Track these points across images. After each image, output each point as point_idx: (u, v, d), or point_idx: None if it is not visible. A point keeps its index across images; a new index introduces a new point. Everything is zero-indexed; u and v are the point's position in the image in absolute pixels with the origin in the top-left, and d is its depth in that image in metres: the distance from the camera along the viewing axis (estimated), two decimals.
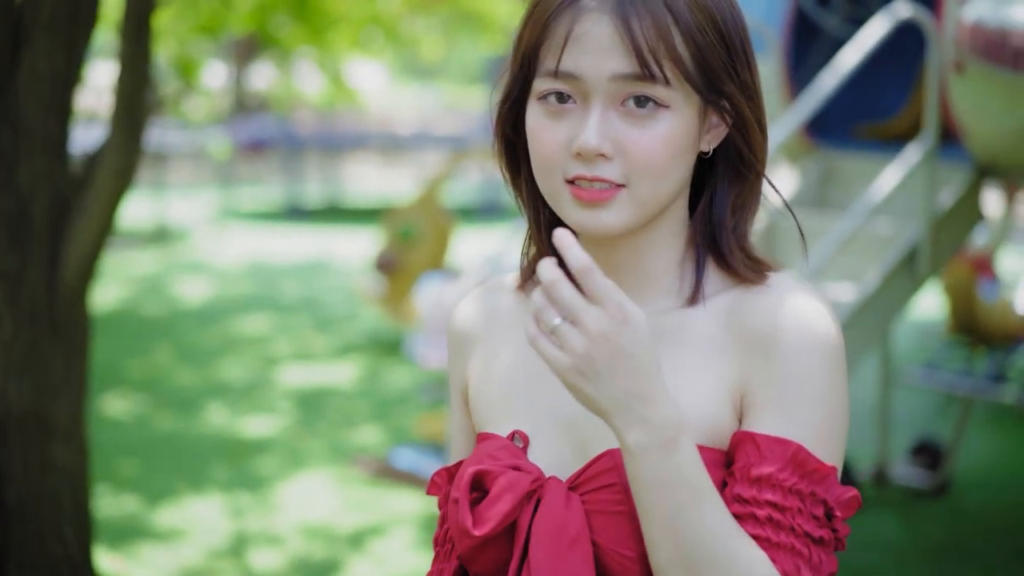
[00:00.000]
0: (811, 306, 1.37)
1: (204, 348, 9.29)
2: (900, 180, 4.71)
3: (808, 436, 1.33)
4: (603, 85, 1.34)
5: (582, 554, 1.35)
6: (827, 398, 1.34)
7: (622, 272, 1.45)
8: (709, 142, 1.42)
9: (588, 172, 1.35)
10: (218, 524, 5.55)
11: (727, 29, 1.38)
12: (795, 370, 1.34)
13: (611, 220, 1.37)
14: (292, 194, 18.64)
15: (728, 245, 1.44)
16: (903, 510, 5.95)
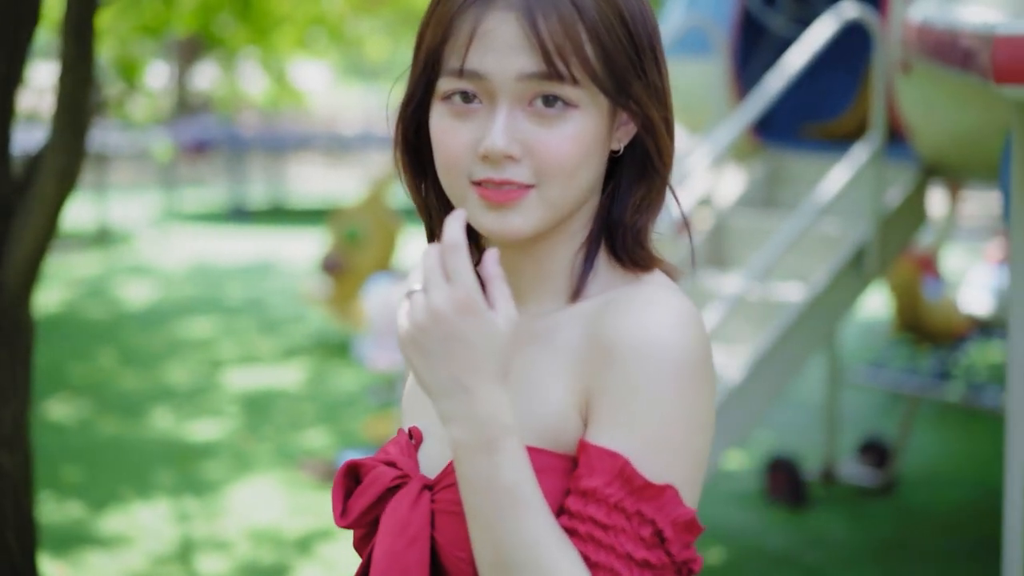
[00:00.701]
0: (661, 314, 1.29)
1: (148, 352, 9.20)
2: (848, 180, 4.73)
3: (638, 450, 1.25)
4: (509, 84, 1.30)
5: (418, 554, 1.33)
6: (665, 411, 1.25)
7: (523, 273, 1.41)
8: (619, 140, 1.39)
9: (496, 175, 1.32)
10: (164, 530, 5.48)
11: (635, 28, 1.34)
12: (630, 380, 1.26)
13: (520, 223, 1.33)
14: (236, 195, 18.51)
15: (625, 245, 1.39)
16: (851, 508, 5.98)
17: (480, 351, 1.21)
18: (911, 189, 4.92)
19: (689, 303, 1.32)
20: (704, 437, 1.29)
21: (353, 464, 1.43)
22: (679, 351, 1.26)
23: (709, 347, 1.30)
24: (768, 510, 5.93)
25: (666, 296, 1.31)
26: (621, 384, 1.26)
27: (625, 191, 1.40)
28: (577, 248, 1.40)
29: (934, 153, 4.76)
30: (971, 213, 14.83)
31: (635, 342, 1.26)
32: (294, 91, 15.76)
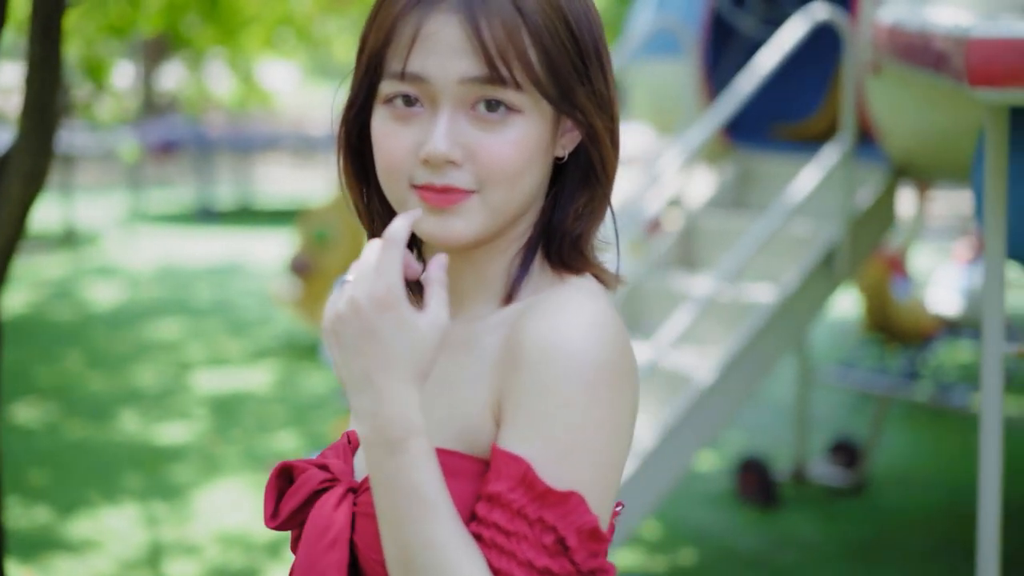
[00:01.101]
0: (572, 316, 1.26)
1: (116, 354, 9.13)
2: (819, 181, 4.73)
3: (541, 456, 1.23)
4: (452, 88, 1.29)
5: (337, 557, 1.32)
6: (570, 416, 1.23)
7: (462, 278, 1.39)
8: (564, 147, 1.38)
9: (437, 180, 1.30)
10: (132, 534, 5.44)
11: (580, 34, 1.33)
12: (535, 383, 1.24)
13: (461, 228, 1.32)
14: (203, 196, 18.42)
15: (562, 251, 1.37)
16: (822, 509, 5.99)
17: (393, 349, 1.20)
18: (881, 190, 4.93)
19: (607, 307, 1.30)
20: (615, 444, 1.26)
21: (286, 466, 1.43)
22: (587, 355, 1.24)
23: (626, 352, 1.28)
24: (739, 511, 5.94)
25: (581, 299, 1.30)
26: (527, 387, 1.24)
27: (567, 198, 1.39)
28: (515, 253, 1.39)
29: (904, 154, 4.78)
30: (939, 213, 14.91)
31: (542, 345, 1.24)
32: (261, 91, 15.68)
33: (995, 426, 2.77)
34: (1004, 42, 2.49)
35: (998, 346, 2.73)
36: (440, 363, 1.35)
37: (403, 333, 1.20)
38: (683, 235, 5.44)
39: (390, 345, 1.20)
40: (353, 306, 1.21)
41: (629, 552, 5.31)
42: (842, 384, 7.62)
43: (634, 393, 1.30)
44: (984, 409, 2.80)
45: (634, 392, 1.30)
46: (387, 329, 1.20)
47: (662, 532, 5.58)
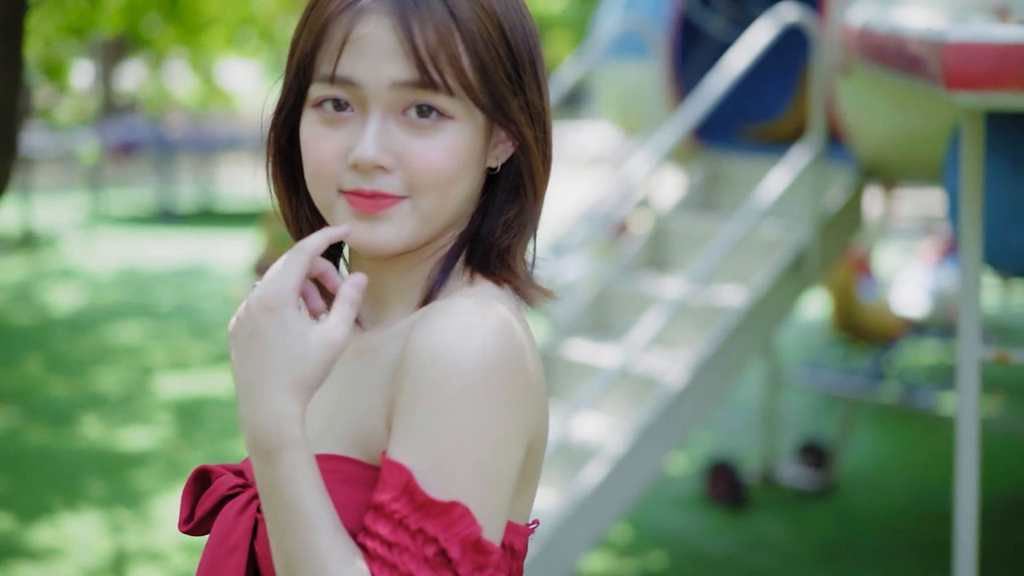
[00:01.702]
0: (457, 322, 1.22)
1: (77, 358, 9.03)
2: (790, 184, 4.72)
3: (423, 465, 1.19)
4: (382, 93, 1.26)
5: (235, 563, 1.31)
6: (452, 424, 1.19)
7: (385, 284, 1.37)
8: (497, 157, 1.35)
9: (366, 186, 1.28)
10: (96, 541, 5.37)
11: (515, 44, 1.31)
12: (417, 391, 1.21)
13: (389, 235, 1.29)
14: (164, 198, 18.28)
15: (487, 262, 1.35)
16: (791, 511, 5.99)
17: (273, 353, 1.19)
18: (850, 192, 4.92)
19: (499, 313, 1.25)
20: (501, 454, 1.22)
21: (204, 470, 1.41)
22: (467, 361, 1.20)
23: (517, 357, 1.23)
24: (708, 513, 5.93)
25: (469, 304, 1.25)
26: (410, 395, 1.21)
27: (497, 209, 1.36)
28: (437, 261, 1.36)
29: (874, 155, 4.77)
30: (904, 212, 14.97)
31: (424, 351, 1.21)
32: (222, 92, 15.57)
33: (972, 431, 2.75)
34: (981, 46, 2.48)
35: (975, 351, 2.72)
36: (350, 370, 1.34)
37: (286, 339, 1.19)
38: (652, 237, 5.42)
39: (271, 349, 1.18)
40: (246, 308, 1.20)
41: (599, 556, 5.29)
42: (810, 386, 7.63)
43: (526, 401, 1.25)
44: (961, 414, 2.78)
45: (526, 400, 1.25)
46: (270, 332, 1.19)
47: (632, 535, 5.55)
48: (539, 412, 1.28)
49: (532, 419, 1.26)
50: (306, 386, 1.20)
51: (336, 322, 1.20)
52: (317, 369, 1.20)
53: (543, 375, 1.31)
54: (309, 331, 1.19)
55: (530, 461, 1.30)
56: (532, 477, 1.32)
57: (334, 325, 1.20)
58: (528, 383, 1.25)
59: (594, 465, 4.36)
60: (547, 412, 1.32)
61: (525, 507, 1.33)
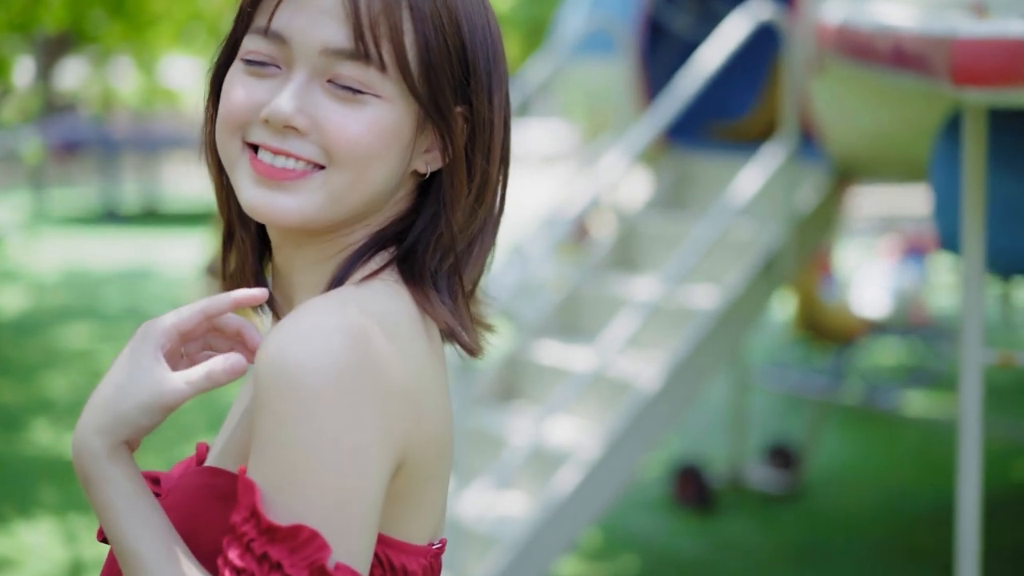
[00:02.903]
0: (301, 329, 1.12)
1: (24, 362, 8.83)
2: (763, 183, 4.67)
3: (267, 483, 1.10)
4: (312, 56, 1.19)
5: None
6: (295, 439, 1.09)
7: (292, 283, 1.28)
8: (428, 163, 1.26)
9: (274, 142, 1.19)
10: (51, 551, 5.22)
11: (471, 46, 1.24)
12: (261, 403, 1.11)
13: (290, 205, 1.20)
14: (108, 197, 18.03)
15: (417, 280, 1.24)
16: (759, 513, 5.95)
17: (110, 379, 1.17)
18: (823, 191, 4.87)
19: (348, 317, 1.13)
20: (355, 467, 1.10)
21: None
22: (310, 369, 1.09)
23: (368, 362, 1.11)
24: (677, 516, 5.87)
25: (326, 306, 1.14)
26: (257, 406, 1.11)
27: (424, 221, 1.26)
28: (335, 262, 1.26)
29: (848, 154, 4.72)
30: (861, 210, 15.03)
31: (266, 358, 1.11)
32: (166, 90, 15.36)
33: (974, 435, 2.70)
34: (991, 42, 2.42)
35: (978, 356, 2.66)
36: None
37: (126, 368, 1.16)
38: (620, 237, 5.35)
39: (112, 371, 1.17)
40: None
41: (569, 561, 5.21)
42: (776, 388, 7.60)
43: (384, 411, 1.13)
44: (963, 418, 2.73)
45: (384, 410, 1.13)
46: (122, 356, 1.17)
47: (601, 539, 5.48)
48: (413, 422, 1.16)
49: (398, 430, 1.14)
50: (120, 425, 1.15)
51: (179, 379, 1.15)
52: (134, 412, 1.15)
53: (429, 381, 1.19)
54: (151, 372, 1.15)
55: (414, 476, 1.18)
56: (423, 494, 1.21)
57: (174, 381, 1.15)
58: (387, 390, 1.13)
59: (567, 470, 4.28)
60: (435, 422, 1.20)
61: (422, 526, 1.22)
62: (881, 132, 4.45)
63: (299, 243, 1.26)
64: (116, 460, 1.15)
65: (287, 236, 1.26)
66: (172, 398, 1.15)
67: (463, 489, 4.29)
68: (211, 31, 12.83)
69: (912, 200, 15.20)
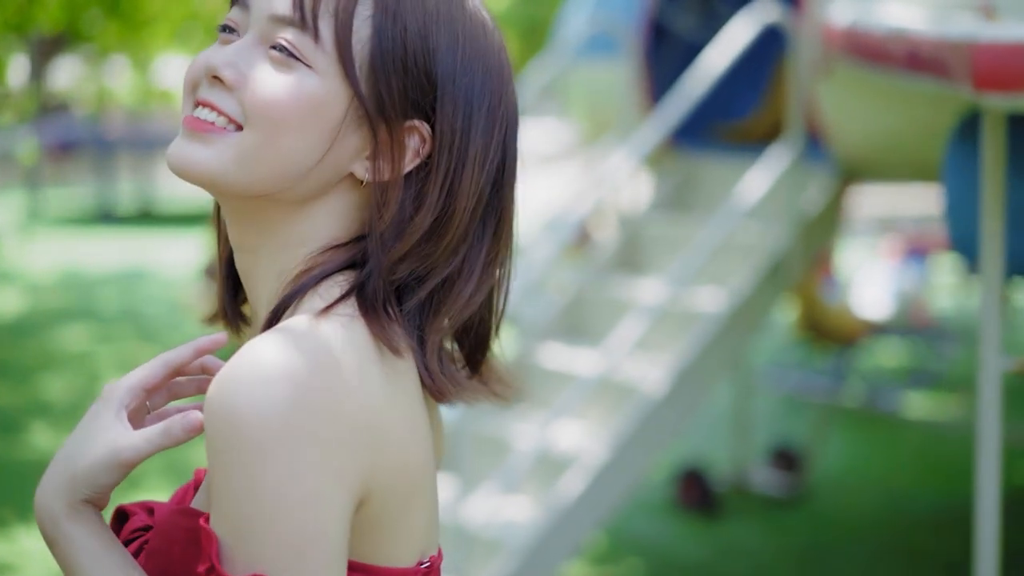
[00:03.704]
0: (244, 368, 1.08)
1: (21, 364, 8.78)
2: (770, 186, 4.65)
3: (222, 531, 1.08)
4: (262, 21, 1.19)
5: None
6: (244, 488, 1.06)
7: (249, 290, 1.26)
8: (367, 170, 1.21)
9: (204, 95, 1.19)
10: (51, 556, 5.18)
11: (445, 59, 1.20)
12: (209, 449, 1.08)
13: (197, 156, 1.18)
14: (103, 198, 17.99)
15: (370, 305, 1.18)
16: (763, 516, 5.93)
17: (72, 439, 1.18)
18: (830, 194, 4.85)
19: (289, 361, 1.08)
20: (312, 510, 1.07)
21: (120, 510, 1.30)
22: (250, 421, 1.05)
23: (306, 410, 1.07)
24: (681, 520, 5.85)
25: (260, 351, 1.09)
26: (207, 453, 1.08)
27: (380, 236, 1.20)
28: (286, 279, 1.21)
29: (855, 156, 4.69)
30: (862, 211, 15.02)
31: (210, 403, 1.08)
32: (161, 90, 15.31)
33: (994, 441, 2.67)
34: (1012, 47, 2.39)
35: (997, 362, 2.63)
36: None
37: (88, 428, 1.18)
38: (624, 240, 5.32)
39: (74, 433, 1.18)
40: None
41: (574, 565, 5.18)
42: (777, 390, 7.58)
43: (342, 448, 1.09)
44: (982, 424, 2.70)
45: (342, 447, 1.09)
46: (85, 417, 1.19)
47: (605, 544, 5.46)
48: (371, 455, 1.12)
49: (353, 467, 1.10)
50: (79, 484, 1.16)
51: (137, 437, 1.16)
52: (92, 470, 1.16)
53: (390, 410, 1.14)
54: (109, 431, 1.17)
55: (387, 504, 1.15)
56: (402, 518, 1.18)
57: (132, 438, 1.16)
58: (335, 431, 1.08)
59: (573, 475, 4.26)
60: (402, 450, 1.16)
61: (407, 548, 1.19)
62: (888, 133, 4.42)
63: (250, 248, 1.24)
64: (76, 519, 1.16)
65: (238, 238, 1.24)
66: (129, 455, 1.15)
67: (469, 494, 4.27)
68: (207, 31, 12.80)
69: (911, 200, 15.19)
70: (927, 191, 7.69)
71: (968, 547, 5.50)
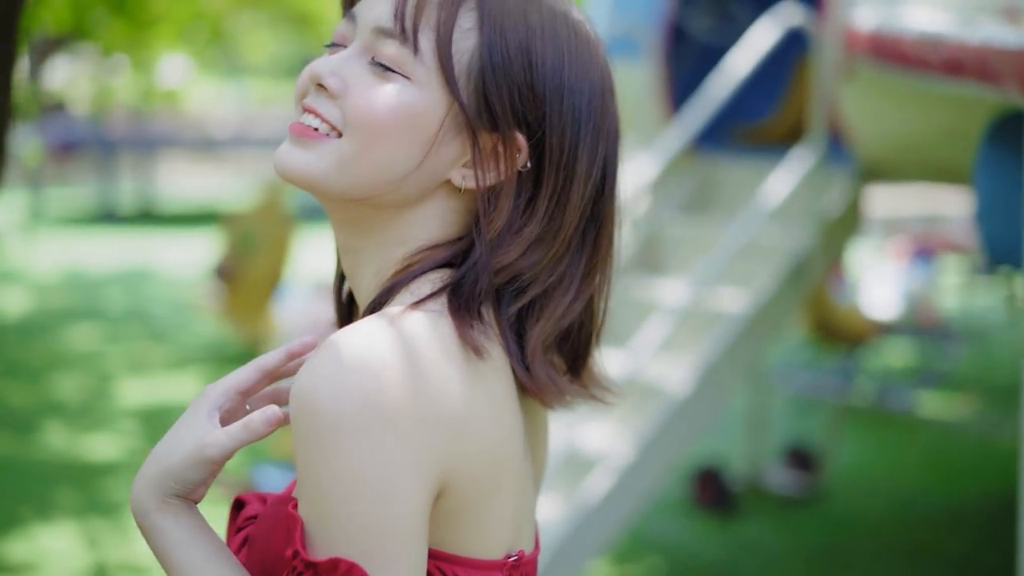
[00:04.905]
0: (327, 360, 1.12)
1: (31, 364, 8.80)
2: (793, 187, 4.68)
3: (307, 516, 1.13)
4: (365, 33, 1.24)
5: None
6: (327, 475, 1.11)
7: (354, 286, 1.31)
8: (465, 178, 1.24)
9: (309, 101, 1.25)
10: (74, 555, 5.21)
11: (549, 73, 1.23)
12: (295, 438, 1.13)
13: (298, 160, 1.23)
14: (105, 198, 17.98)
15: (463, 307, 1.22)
16: (779, 515, 5.96)
17: (169, 434, 1.23)
18: (850, 195, 4.88)
19: (371, 351, 1.12)
20: (392, 498, 1.11)
21: (238, 500, 1.37)
22: (332, 410, 1.10)
23: (387, 400, 1.11)
24: (697, 519, 5.88)
25: (345, 343, 1.13)
26: (293, 442, 1.14)
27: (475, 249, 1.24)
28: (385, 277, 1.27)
29: (877, 157, 4.73)
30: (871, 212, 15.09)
31: (296, 392, 1.13)
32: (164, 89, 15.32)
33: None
34: None
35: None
36: None
37: (180, 428, 1.23)
38: (645, 241, 5.35)
39: (169, 431, 1.23)
40: None
41: (596, 564, 5.21)
42: (787, 389, 7.61)
43: (420, 439, 1.12)
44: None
45: (419, 437, 1.12)
46: (180, 418, 1.23)
47: (625, 543, 5.49)
48: (452, 444, 1.15)
49: (432, 456, 1.14)
50: (167, 480, 1.21)
51: (220, 432, 1.21)
52: (179, 466, 1.20)
53: (473, 403, 1.17)
54: (198, 428, 1.22)
55: (468, 494, 1.18)
56: (484, 509, 1.20)
57: (216, 435, 1.21)
58: (414, 421, 1.12)
59: (599, 475, 4.29)
60: (485, 441, 1.19)
61: (493, 540, 1.22)
62: (910, 135, 4.46)
63: (352, 249, 1.29)
64: (165, 512, 1.21)
65: (341, 239, 1.30)
66: (213, 451, 1.20)
67: None
68: (212, 31, 12.82)
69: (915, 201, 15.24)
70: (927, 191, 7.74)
71: (979, 544, 5.56)
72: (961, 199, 14.07)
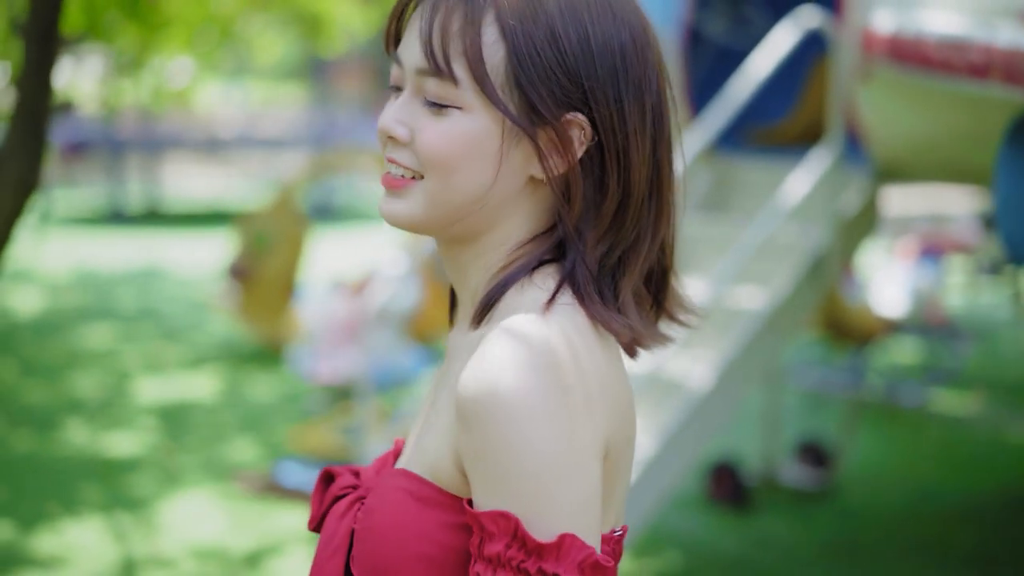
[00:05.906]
0: (495, 356, 1.22)
1: (49, 362, 8.88)
2: (811, 187, 4.76)
3: (521, 509, 1.20)
4: (411, 75, 1.32)
5: (335, 566, 1.34)
6: (527, 465, 1.19)
7: (457, 283, 1.41)
8: (547, 169, 1.32)
9: (389, 154, 1.35)
10: (101, 548, 5.29)
11: (575, 51, 1.29)
12: (482, 442, 1.21)
13: (398, 209, 1.34)
14: (113, 198, 18.05)
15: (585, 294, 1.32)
16: (794, 510, 6.03)
17: None
18: (866, 194, 4.97)
19: (541, 342, 1.23)
20: (581, 473, 1.21)
21: (328, 471, 1.46)
22: (520, 400, 1.20)
23: (562, 384, 1.21)
24: (713, 514, 5.96)
25: (512, 337, 1.23)
26: (478, 447, 1.22)
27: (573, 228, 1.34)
28: (492, 272, 1.36)
29: (893, 158, 4.81)
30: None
31: (472, 399, 1.21)
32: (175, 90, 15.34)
33: None
34: None
35: None
36: (439, 380, 1.40)
37: None
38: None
39: None
40: None
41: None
42: (799, 386, 7.69)
43: (587, 414, 1.23)
44: None
45: (587, 413, 1.23)
46: None
47: (645, 537, 5.57)
48: (609, 416, 1.27)
49: (600, 428, 1.25)
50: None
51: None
52: None
53: (614, 383, 1.28)
54: None
55: (610, 471, 1.29)
56: (614, 486, 1.31)
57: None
58: (585, 401, 1.23)
59: None
60: (623, 410, 1.30)
61: (608, 515, 1.32)
62: (927, 136, 4.53)
63: (447, 255, 1.39)
64: None
65: (445, 252, 1.39)
66: None
67: None
68: (224, 34, 12.87)
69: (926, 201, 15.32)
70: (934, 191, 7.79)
71: (990, 538, 5.64)
72: (967, 199, 14.18)
